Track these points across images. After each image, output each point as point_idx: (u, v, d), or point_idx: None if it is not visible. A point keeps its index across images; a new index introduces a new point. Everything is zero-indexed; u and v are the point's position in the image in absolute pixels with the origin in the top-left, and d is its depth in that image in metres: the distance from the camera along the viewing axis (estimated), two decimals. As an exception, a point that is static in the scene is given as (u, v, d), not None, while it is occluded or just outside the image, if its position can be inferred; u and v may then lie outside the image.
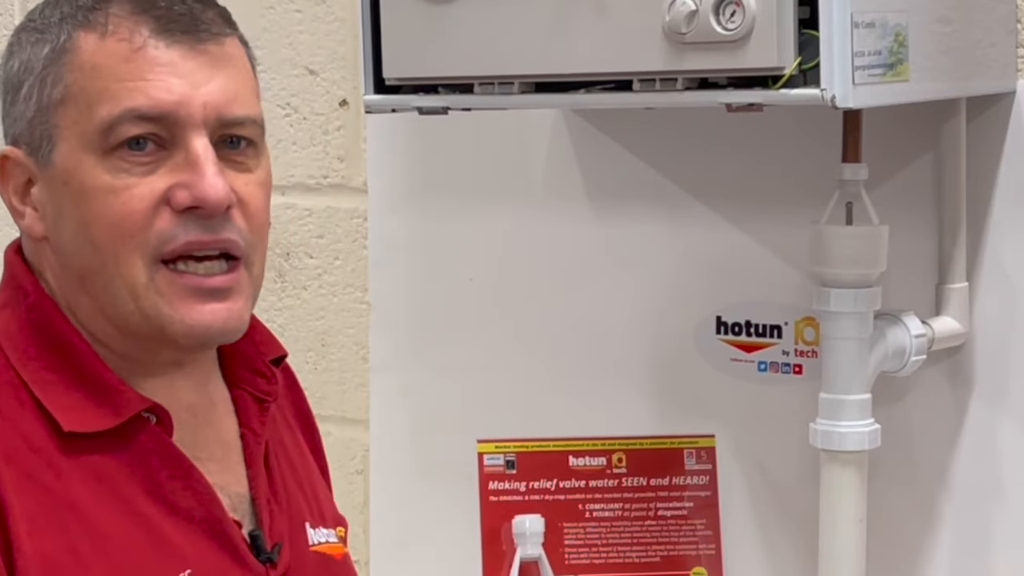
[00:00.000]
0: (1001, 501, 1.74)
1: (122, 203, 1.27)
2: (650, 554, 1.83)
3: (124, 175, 1.27)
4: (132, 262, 1.27)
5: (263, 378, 1.41)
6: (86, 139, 1.27)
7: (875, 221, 1.63)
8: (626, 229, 1.92)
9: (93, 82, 1.27)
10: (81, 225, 1.28)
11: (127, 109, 1.26)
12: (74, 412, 1.28)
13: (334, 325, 2.15)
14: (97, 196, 1.27)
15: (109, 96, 1.27)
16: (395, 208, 2.07)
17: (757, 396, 1.85)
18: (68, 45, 1.28)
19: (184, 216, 1.27)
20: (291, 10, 2.13)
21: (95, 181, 1.27)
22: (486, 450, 1.82)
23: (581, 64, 1.49)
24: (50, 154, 1.28)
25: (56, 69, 1.28)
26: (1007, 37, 1.68)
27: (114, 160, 1.27)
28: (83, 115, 1.27)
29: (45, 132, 1.28)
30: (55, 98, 1.28)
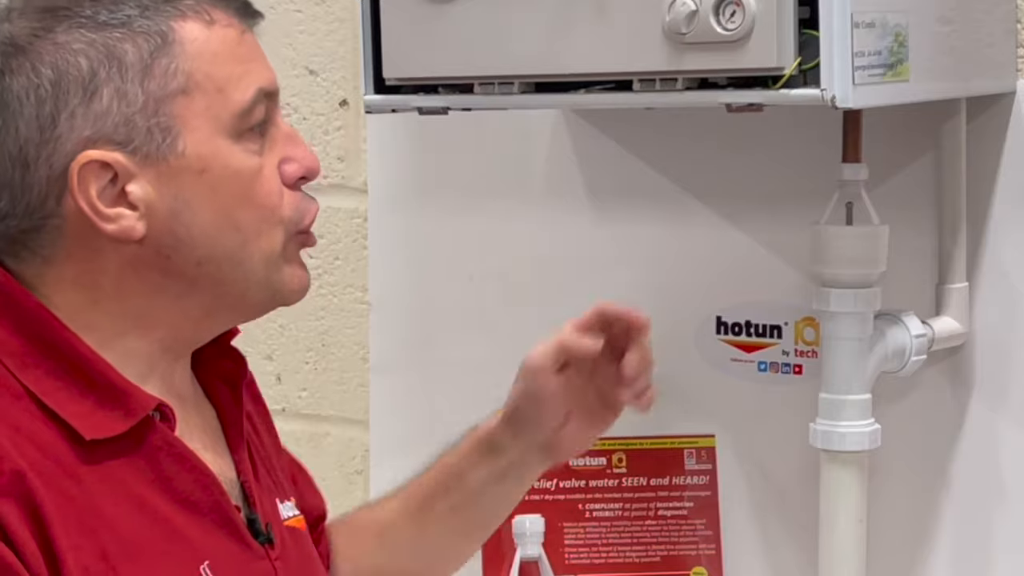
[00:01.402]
0: (1001, 501, 1.74)
1: (263, 184, 1.31)
2: (650, 554, 1.83)
3: (255, 156, 1.31)
4: (274, 236, 1.32)
5: (229, 360, 1.42)
6: (221, 124, 1.29)
7: (875, 221, 1.63)
8: (626, 229, 1.92)
9: (218, 68, 1.29)
10: (223, 210, 1.29)
11: (259, 88, 1.31)
12: (88, 418, 1.27)
13: (334, 325, 2.15)
14: (242, 180, 1.30)
15: (238, 78, 1.30)
16: (395, 208, 2.07)
17: (757, 396, 1.85)
18: (171, 36, 1.27)
19: (297, 188, 1.34)
20: (291, 10, 2.13)
21: (239, 165, 1.30)
22: (486, 450, 1.82)
23: (581, 64, 1.49)
24: (172, 146, 1.27)
25: (167, 61, 1.27)
26: (1007, 37, 1.69)
27: (245, 143, 1.30)
28: (215, 101, 1.28)
29: (160, 125, 1.27)
30: (174, 89, 1.27)
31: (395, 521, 1.58)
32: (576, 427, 1.51)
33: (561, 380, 1.49)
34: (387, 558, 1.59)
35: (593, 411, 1.51)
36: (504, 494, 1.56)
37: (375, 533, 1.59)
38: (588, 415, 1.51)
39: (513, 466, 1.53)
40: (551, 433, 1.50)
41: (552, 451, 1.52)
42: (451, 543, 1.59)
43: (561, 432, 1.50)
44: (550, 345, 1.48)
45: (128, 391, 1.29)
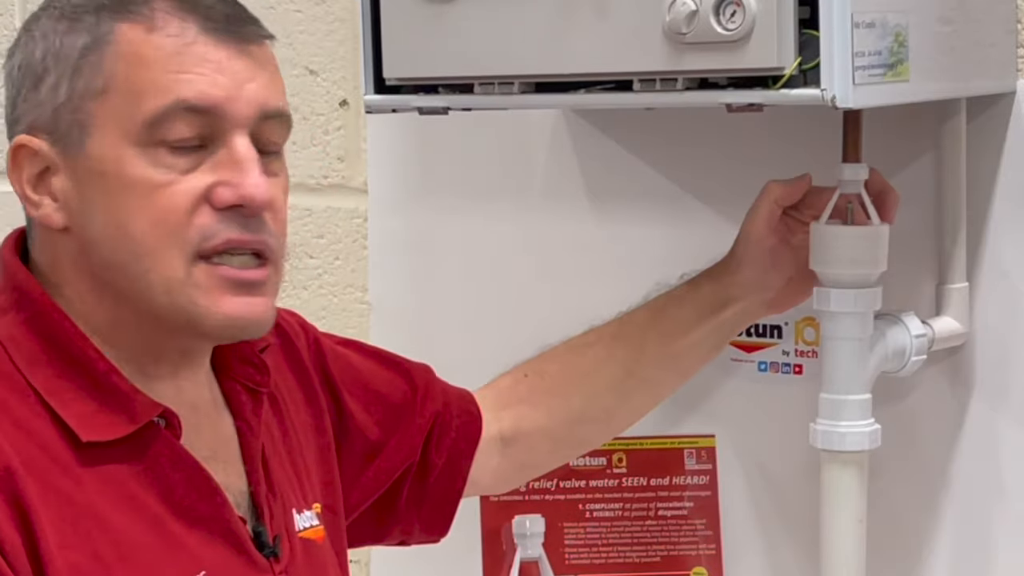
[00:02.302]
0: (1001, 501, 1.74)
1: (164, 199, 1.27)
2: (650, 554, 1.83)
3: (166, 170, 1.28)
4: (171, 257, 1.28)
5: (254, 368, 1.41)
6: (130, 130, 1.27)
7: (875, 221, 1.63)
8: (626, 229, 1.92)
9: (140, 73, 1.27)
10: (116, 217, 1.28)
11: (178, 99, 1.27)
12: (90, 421, 1.28)
13: (334, 325, 2.15)
14: (138, 190, 1.27)
15: (158, 87, 1.27)
16: (395, 208, 2.07)
17: (757, 396, 1.85)
18: (109, 36, 1.28)
19: (224, 214, 1.28)
20: (291, 10, 2.13)
21: (137, 174, 1.27)
22: (486, 450, 1.82)
23: (581, 64, 1.49)
24: (82, 143, 1.28)
25: (95, 58, 1.28)
26: (1007, 37, 1.68)
27: (157, 154, 1.27)
28: (127, 105, 1.27)
29: (77, 121, 1.28)
30: (94, 87, 1.27)
31: (599, 365, 1.65)
32: (797, 286, 1.65)
33: (777, 239, 1.63)
34: (589, 401, 1.65)
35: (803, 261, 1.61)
36: (713, 340, 1.67)
37: (577, 377, 1.65)
38: (806, 273, 1.61)
39: (735, 316, 1.66)
40: (775, 293, 1.65)
41: (776, 307, 1.67)
42: (659, 380, 1.67)
43: (785, 289, 1.65)
44: (759, 207, 1.63)
45: (132, 396, 1.30)
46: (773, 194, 1.63)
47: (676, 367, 1.68)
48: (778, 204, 1.63)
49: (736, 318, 1.67)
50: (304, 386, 1.52)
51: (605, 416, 1.67)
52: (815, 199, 1.64)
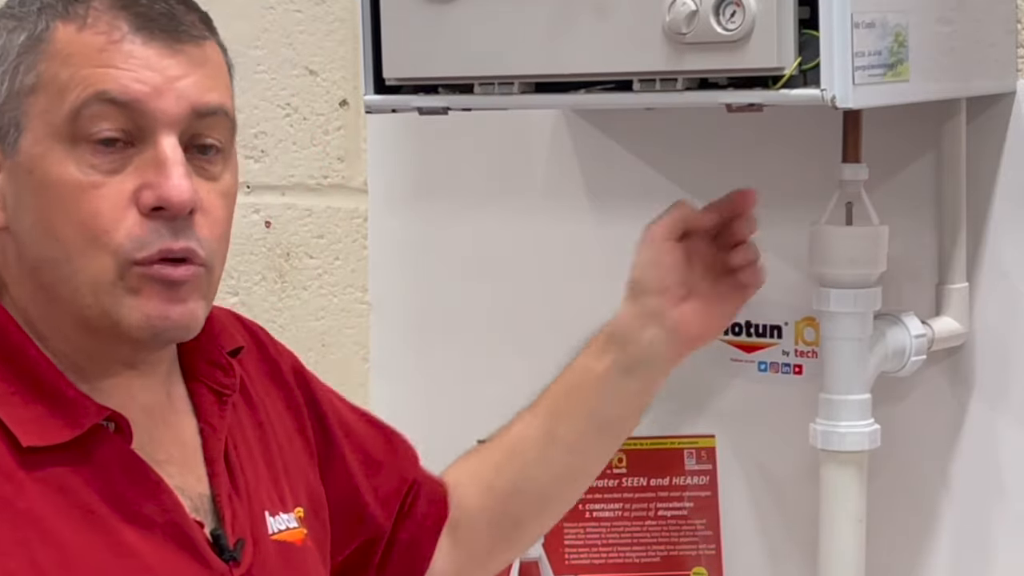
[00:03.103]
0: (1001, 501, 1.74)
1: (90, 202, 1.25)
2: (650, 554, 1.83)
3: (92, 171, 1.25)
4: (100, 261, 1.26)
5: (221, 370, 1.39)
6: (55, 127, 1.26)
7: (875, 221, 1.63)
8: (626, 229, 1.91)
9: (65, 70, 1.26)
10: (43, 217, 1.26)
11: (97, 91, 1.25)
12: (32, 425, 1.26)
13: (334, 325, 2.15)
14: (64, 191, 1.25)
15: (79, 81, 1.25)
16: (395, 208, 2.07)
17: (757, 396, 1.85)
18: (45, 35, 1.26)
19: (151, 218, 1.26)
20: (291, 10, 2.13)
21: (62, 174, 1.25)
22: (486, 450, 1.82)
23: (581, 64, 1.49)
24: (16, 142, 1.27)
25: (31, 57, 1.26)
26: (1007, 37, 1.68)
27: (82, 154, 1.25)
28: (53, 103, 1.26)
29: (13, 119, 1.27)
30: (27, 85, 1.26)
31: (524, 432, 1.59)
32: (699, 307, 1.54)
33: (681, 248, 1.54)
34: (518, 473, 1.59)
35: (715, 293, 1.55)
36: (633, 391, 1.56)
37: (506, 450, 1.59)
38: (710, 296, 1.55)
39: (639, 357, 1.55)
40: (673, 307, 1.53)
41: (679, 332, 1.54)
42: (583, 447, 1.58)
43: (683, 307, 1.54)
44: (669, 216, 1.55)
45: (76, 400, 1.28)
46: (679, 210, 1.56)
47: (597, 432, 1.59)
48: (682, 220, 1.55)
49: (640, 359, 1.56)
50: (285, 397, 1.50)
51: (536, 489, 1.59)
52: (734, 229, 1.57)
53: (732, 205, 1.56)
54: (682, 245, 1.54)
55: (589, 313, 1.92)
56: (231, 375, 1.40)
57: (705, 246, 1.56)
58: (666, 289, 1.54)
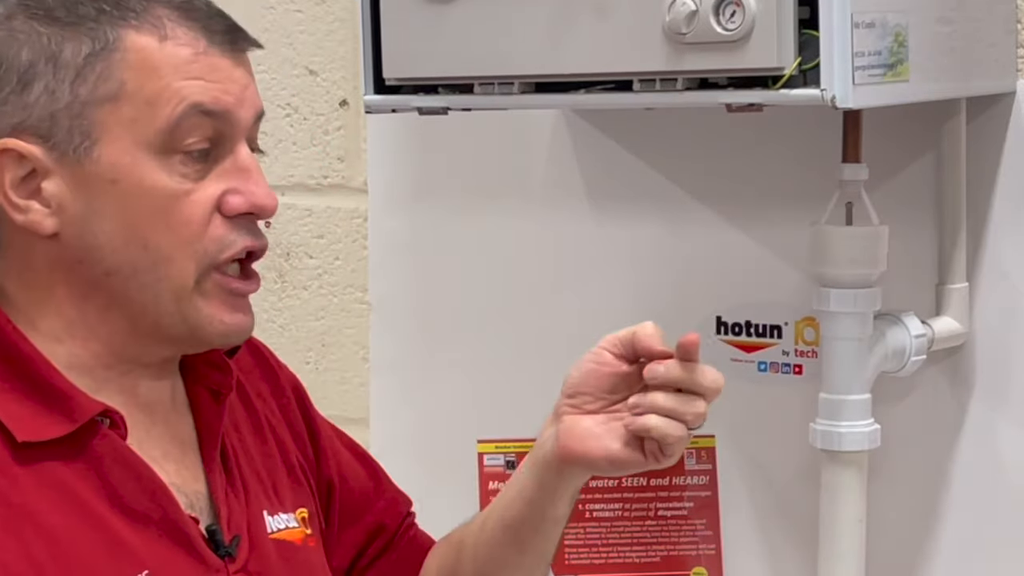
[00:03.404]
0: (1001, 501, 1.74)
1: (182, 209, 1.28)
2: (650, 554, 1.83)
3: (181, 179, 1.28)
4: (185, 266, 1.29)
5: (218, 371, 1.40)
6: (146, 137, 1.27)
7: (875, 221, 1.63)
8: (626, 229, 1.92)
9: (153, 82, 1.27)
10: (130, 225, 1.28)
11: (193, 103, 1.28)
12: (27, 421, 1.27)
13: (334, 325, 2.15)
14: (157, 200, 1.28)
15: (172, 93, 1.28)
16: (395, 208, 2.07)
17: (757, 396, 1.85)
18: (117, 44, 1.27)
19: (235, 222, 1.30)
20: (291, 10, 2.13)
21: (156, 183, 1.28)
22: (486, 450, 1.82)
23: (581, 64, 1.49)
24: (88, 150, 1.27)
25: (103, 66, 1.27)
26: (1007, 37, 1.69)
27: (171, 162, 1.28)
28: (142, 113, 1.27)
29: (81, 128, 1.27)
30: (103, 94, 1.27)
31: (468, 527, 1.54)
32: (595, 428, 1.39)
33: (620, 368, 1.40)
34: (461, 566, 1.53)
35: (622, 432, 1.38)
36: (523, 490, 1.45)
37: (455, 541, 1.55)
38: (615, 431, 1.39)
39: (536, 454, 1.44)
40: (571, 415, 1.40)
41: (560, 440, 1.40)
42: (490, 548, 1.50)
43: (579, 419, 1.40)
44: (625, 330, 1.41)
45: (70, 396, 1.29)
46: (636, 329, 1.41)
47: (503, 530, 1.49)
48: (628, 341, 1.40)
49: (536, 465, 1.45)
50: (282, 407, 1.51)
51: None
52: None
53: (680, 351, 1.38)
54: (622, 364, 1.40)
55: (589, 313, 1.92)
56: (228, 375, 1.41)
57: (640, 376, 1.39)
58: (575, 393, 1.41)
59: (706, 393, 1.38)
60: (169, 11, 1.29)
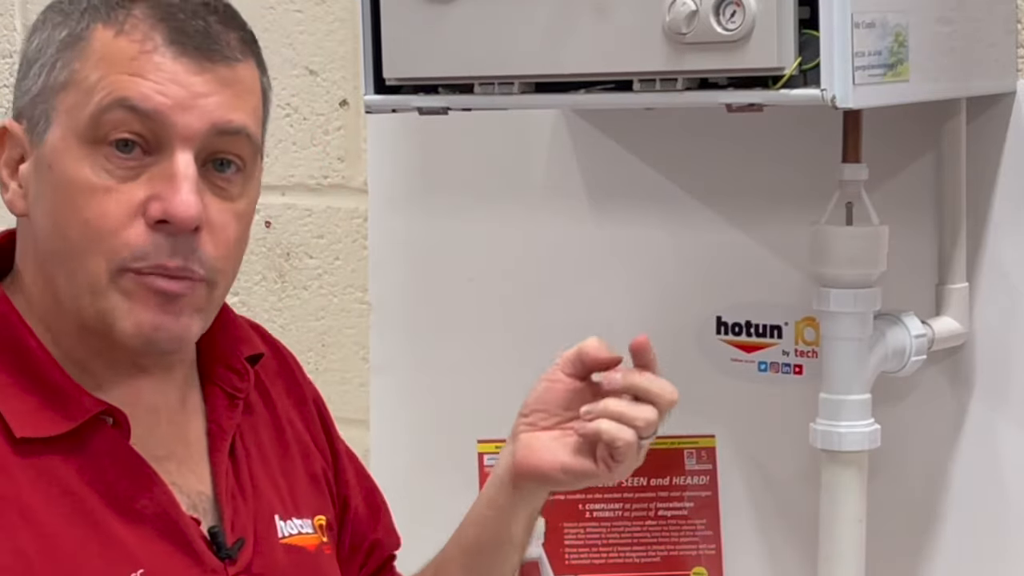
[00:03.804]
0: (1001, 501, 1.74)
1: (98, 204, 1.27)
2: (650, 554, 1.83)
3: (106, 175, 1.27)
4: (97, 263, 1.27)
5: (235, 374, 1.41)
6: (77, 126, 1.28)
7: (875, 221, 1.63)
8: (626, 229, 1.92)
9: (95, 72, 1.28)
10: (55, 211, 1.29)
11: (119, 98, 1.27)
12: (27, 416, 1.28)
13: (334, 325, 2.15)
14: (76, 189, 1.27)
15: (106, 85, 1.28)
16: (395, 208, 2.07)
17: (757, 396, 1.85)
18: (84, 34, 1.29)
19: (155, 231, 1.27)
20: (291, 10, 2.13)
21: (77, 173, 1.28)
22: (486, 450, 1.82)
23: (581, 64, 1.49)
24: (44, 134, 1.29)
25: (68, 54, 1.29)
26: (1007, 37, 1.69)
27: (99, 157, 1.27)
28: (79, 101, 1.28)
29: (44, 112, 1.30)
30: (60, 81, 1.29)
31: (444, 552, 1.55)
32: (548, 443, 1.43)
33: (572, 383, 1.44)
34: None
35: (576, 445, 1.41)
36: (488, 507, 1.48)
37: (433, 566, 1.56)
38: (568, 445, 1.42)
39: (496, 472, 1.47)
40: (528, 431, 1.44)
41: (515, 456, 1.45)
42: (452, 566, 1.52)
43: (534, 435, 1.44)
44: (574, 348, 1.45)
45: (73, 393, 1.29)
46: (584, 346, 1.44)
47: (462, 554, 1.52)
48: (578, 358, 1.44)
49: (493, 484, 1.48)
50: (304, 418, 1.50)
51: None
52: None
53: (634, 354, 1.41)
54: (568, 380, 1.43)
55: (589, 313, 1.93)
56: (245, 379, 1.41)
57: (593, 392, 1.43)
58: (530, 411, 1.45)
59: (658, 401, 1.40)
60: (146, 10, 1.29)
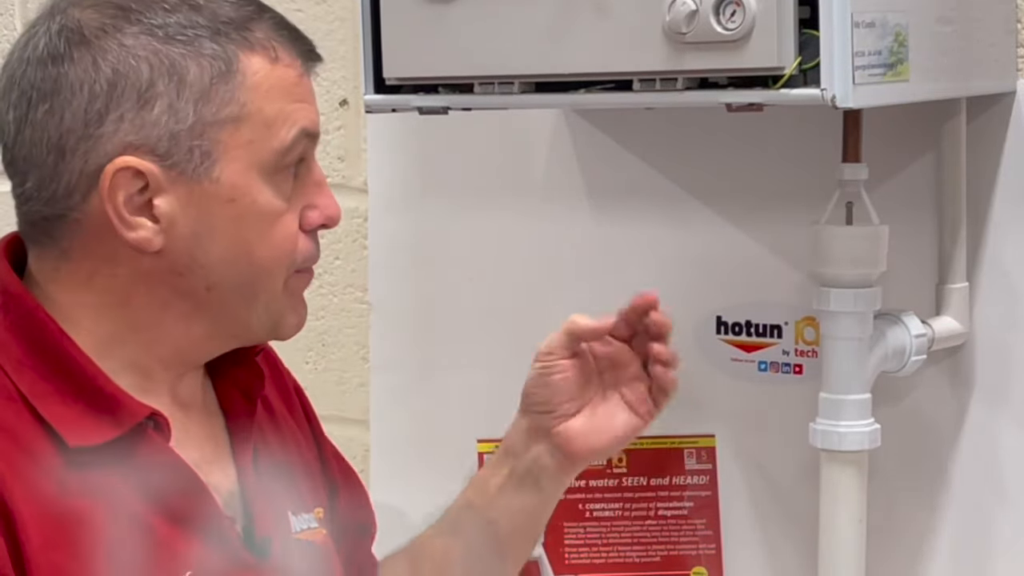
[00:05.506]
0: (1001, 501, 1.74)
1: (285, 226, 1.33)
2: (650, 554, 1.83)
3: (281, 198, 1.32)
4: (279, 277, 1.34)
5: (247, 371, 1.42)
6: (262, 159, 1.30)
7: (875, 221, 1.63)
8: (626, 229, 1.92)
9: (270, 104, 1.30)
10: (241, 241, 1.31)
11: (303, 128, 1.32)
12: (76, 425, 1.28)
13: (334, 325, 2.15)
14: (267, 218, 1.31)
15: (285, 117, 1.31)
16: (395, 208, 2.07)
17: (757, 396, 1.85)
18: (235, 66, 1.29)
19: (312, 234, 1.36)
20: (291, 10, 2.12)
21: (267, 203, 1.31)
22: (486, 450, 1.82)
23: (581, 64, 1.49)
24: (208, 170, 1.28)
25: (225, 88, 1.28)
26: (1007, 37, 1.69)
27: (278, 182, 1.31)
28: (260, 135, 1.30)
29: (202, 148, 1.28)
30: (225, 116, 1.28)
31: (424, 542, 1.56)
32: (589, 423, 1.48)
33: (573, 365, 1.49)
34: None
35: (611, 411, 1.49)
36: (524, 506, 1.52)
37: (408, 556, 1.57)
38: (606, 414, 1.49)
39: (529, 470, 1.50)
40: (560, 424, 1.48)
41: (564, 448, 1.48)
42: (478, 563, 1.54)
43: (570, 424, 1.48)
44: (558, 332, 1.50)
45: (119, 400, 1.30)
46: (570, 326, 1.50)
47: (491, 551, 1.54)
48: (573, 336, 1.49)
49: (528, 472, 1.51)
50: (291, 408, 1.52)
51: None
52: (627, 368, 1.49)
53: (635, 309, 1.48)
54: (574, 362, 1.48)
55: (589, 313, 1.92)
56: (260, 377, 1.43)
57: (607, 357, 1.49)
58: (553, 407, 1.48)
59: None
60: (271, 32, 1.32)
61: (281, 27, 1.34)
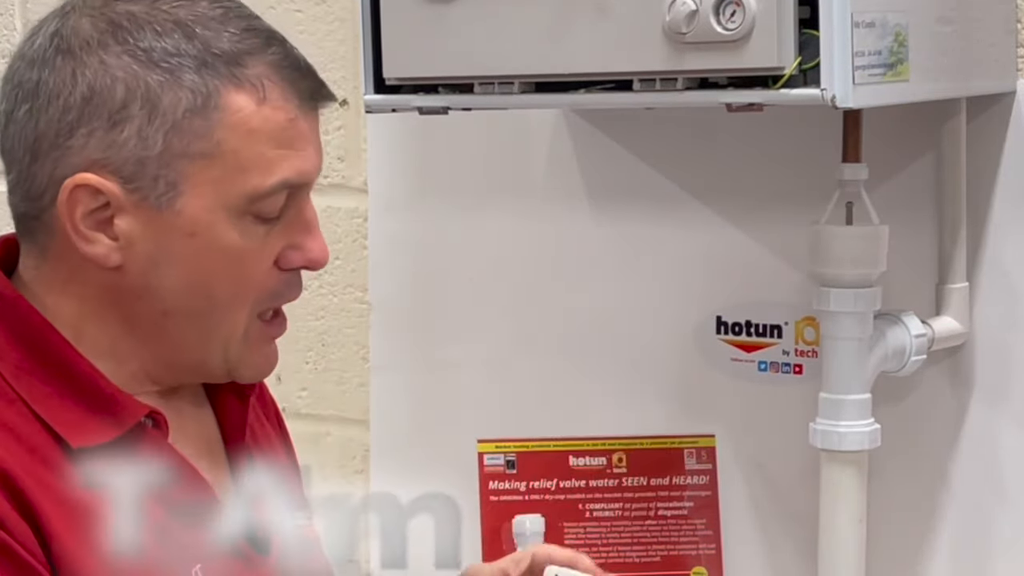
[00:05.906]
0: (1001, 501, 1.74)
1: (247, 264, 1.29)
2: (650, 554, 1.83)
3: (250, 237, 1.29)
4: (239, 316, 1.31)
5: None
6: (228, 199, 1.27)
7: (875, 221, 1.63)
8: (626, 229, 1.92)
9: (248, 147, 1.27)
10: (196, 274, 1.28)
11: (282, 180, 1.28)
12: (78, 427, 1.28)
13: (334, 325, 2.15)
14: (228, 257, 1.29)
15: (264, 164, 1.27)
16: (395, 208, 2.07)
17: (757, 396, 1.85)
18: (217, 101, 1.26)
19: (288, 274, 1.32)
20: (291, 10, 2.12)
21: (227, 241, 1.28)
22: (486, 450, 1.82)
23: (581, 64, 1.49)
24: (171, 201, 1.26)
25: (201, 122, 1.26)
26: (1007, 37, 1.69)
27: (246, 223, 1.28)
28: (231, 176, 1.27)
29: (167, 178, 1.26)
30: (197, 151, 1.26)
31: None
32: None
33: None
34: None
35: None
36: None
37: None
38: None
39: None
40: None
41: None
42: None
43: None
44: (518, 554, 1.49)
45: (118, 399, 1.30)
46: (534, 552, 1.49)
47: None
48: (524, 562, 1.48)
49: None
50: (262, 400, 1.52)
51: None
52: None
53: None
54: None
55: (589, 313, 1.93)
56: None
57: None
58: None
59: None
60: (267, 68, 1.28)
61: (283, 65, 1.30)
